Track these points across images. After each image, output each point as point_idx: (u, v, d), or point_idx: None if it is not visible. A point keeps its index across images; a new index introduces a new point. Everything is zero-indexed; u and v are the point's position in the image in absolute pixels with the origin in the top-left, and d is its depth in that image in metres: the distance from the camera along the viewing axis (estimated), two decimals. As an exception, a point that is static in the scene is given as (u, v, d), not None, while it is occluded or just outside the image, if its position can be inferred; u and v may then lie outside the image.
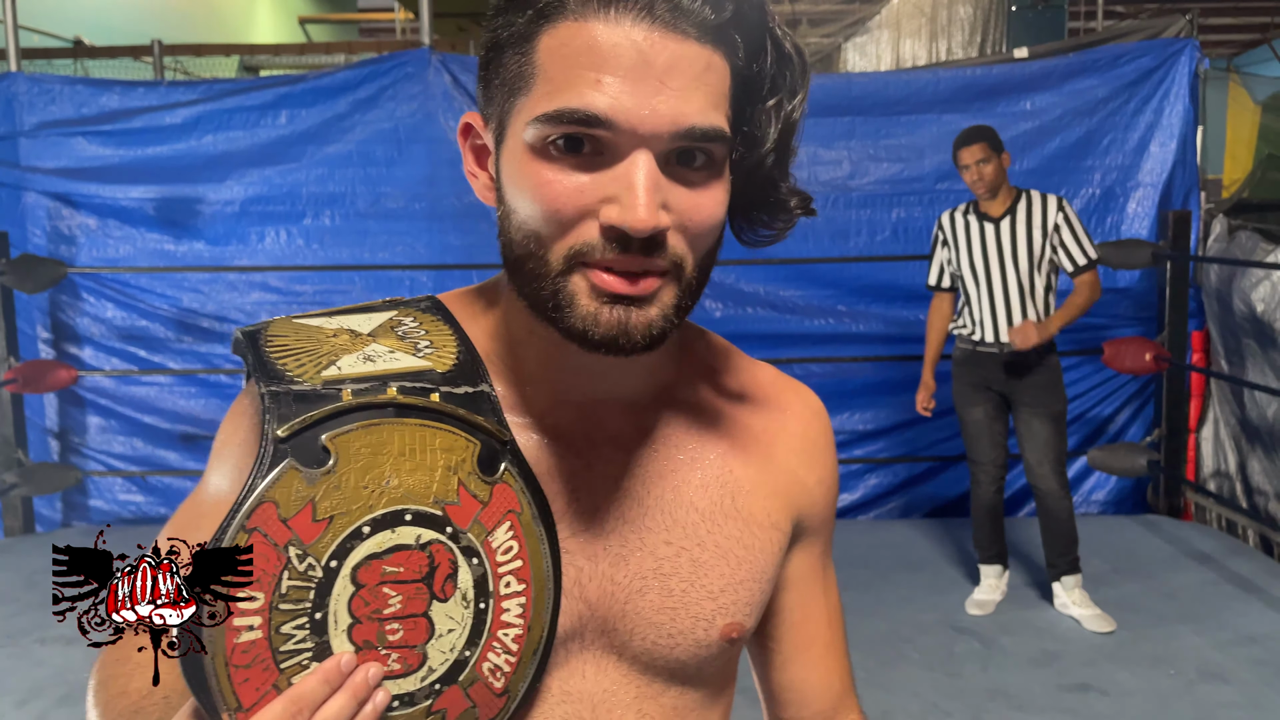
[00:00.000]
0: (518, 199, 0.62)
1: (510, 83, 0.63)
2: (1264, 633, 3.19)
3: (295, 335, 0.64)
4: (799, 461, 0.78)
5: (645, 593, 0.70)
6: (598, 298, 0.61)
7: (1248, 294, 4.17)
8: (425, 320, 0.69)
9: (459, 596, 0.60)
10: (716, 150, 0.62)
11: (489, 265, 4.32)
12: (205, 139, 4.30)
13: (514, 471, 0.63)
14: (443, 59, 4.31)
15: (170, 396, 4.41)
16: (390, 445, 0.59)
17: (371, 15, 10.74)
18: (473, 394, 0.64)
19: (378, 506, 0.58)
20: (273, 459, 0.57)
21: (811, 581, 0.82)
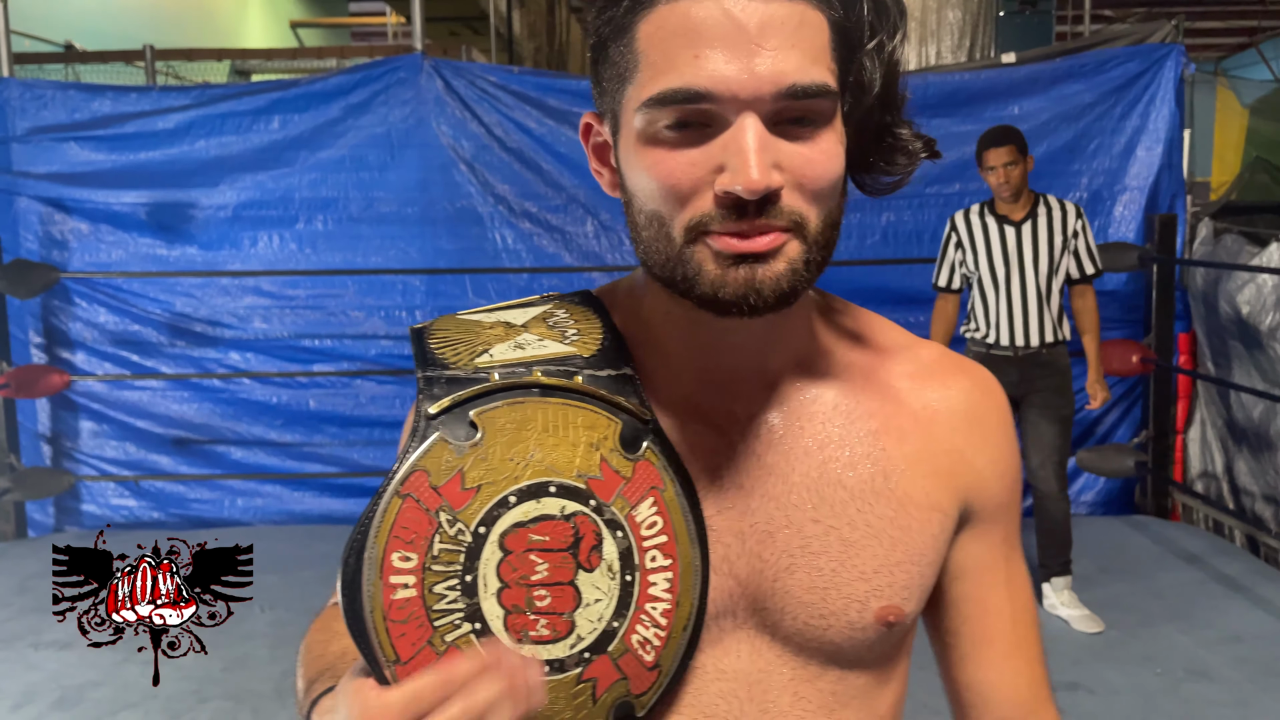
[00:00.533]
0: (636, 184, 0.64)
1: (617, 75, 0.65)
2: (1249, 632, 3.23)
3: (456, 329, 0.69)
4: (965, 441, 0.75)
5: (794, 571, 0.69)
6: (722, 261, 0.62)
7: (1233, 296, 4.21)
8: (576, 311, 0.72)
9: (604, 567, 0.62)
10: (824, 105, 0.62)
11: (482, 270, 4.34)
12: (198, 144, 4.31)
13: (656, 450, 0.65)
14: (435, 64, 4.33)
15: (163, 401, 4.42)
16: (534, 421, 0.62)
17: (363, 20, 10.75)
18: (615, 376, 0.66)
19: (523, 478, 0.61)
20: (424, 433, 0.61)
21: (989, 572, 0.77)
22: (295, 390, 4.43)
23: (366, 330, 4.41)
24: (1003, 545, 0.77)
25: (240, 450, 4.46)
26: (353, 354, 4.42)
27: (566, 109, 4.35)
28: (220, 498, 4.45)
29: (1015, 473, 0.78)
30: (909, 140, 0.69)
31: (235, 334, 4.40)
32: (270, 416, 4.44)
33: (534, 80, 4.45)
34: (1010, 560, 0.78)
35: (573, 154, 4.36)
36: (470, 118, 4.33)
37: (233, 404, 4.43)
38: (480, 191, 4.36)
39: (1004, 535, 0.77)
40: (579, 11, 9.91)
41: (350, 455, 4.47)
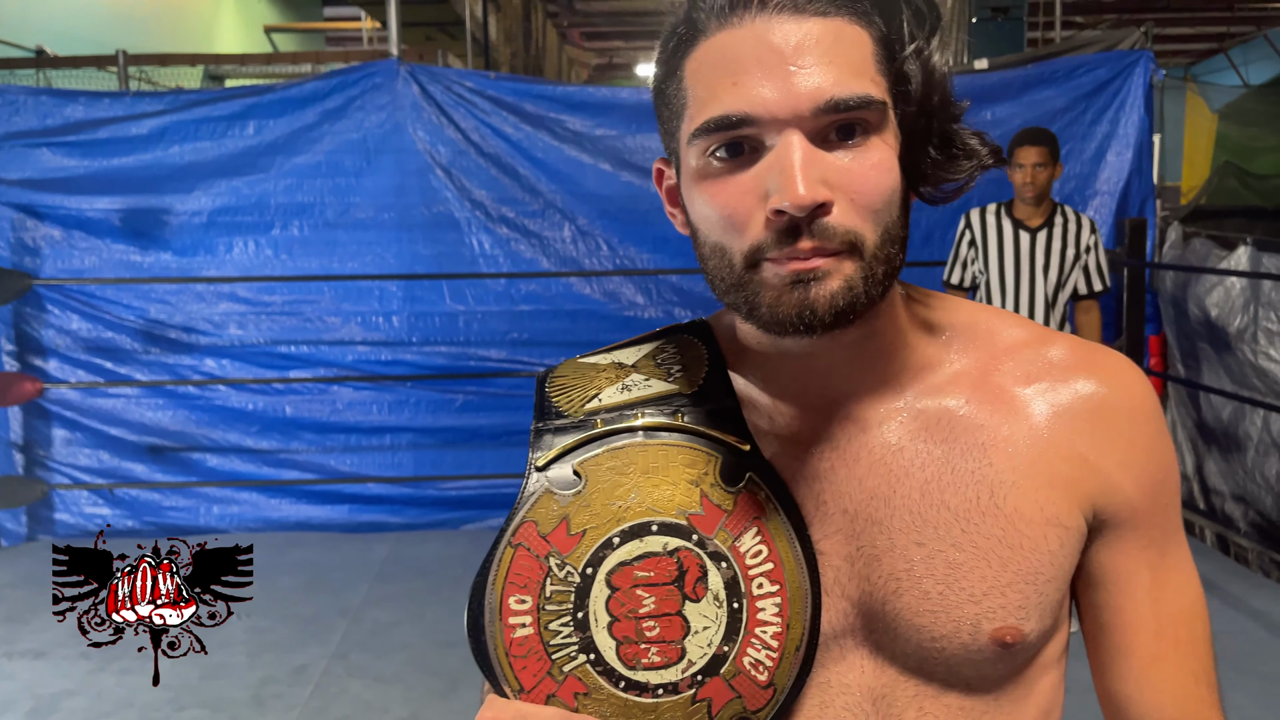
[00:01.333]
0: (698, 217, 0.66)
1: (673, 114, 0.67)
2: (1219, 629, 3.25)
3: (574, 373, 0.74)
4: (1089, 444, 0.70)
5: (901, 594, 0.69)
6: (779, 284, 0.63)
7: (1202, 299, 4.28)
8: (684, 344, 0.75)
9: (710, 597, 0.65)
10: (870, 117, 0.62)
11: (458, 275, 4.34)
12: (172, 149, 4.29)
13: (759, 479, 0.68)
14: (410, 69, 4.33)
15: (137, 408, 4.39)
16: (634, 465, 0.67)
17: (338, 25, 10.71)
18: (715, 411, 0.69)
19: (625, 519, 0.65)
20: (531, 485, 0.67)
21: (1127, 581, 0.72)
22: (271, 396, 4.41)
23: (343, 336, 4.40)
24: (1145, 552, 0.72)
25: (216, 457, 4.44)
26: (329, 360, 4.40)
27: (543, 114, 4.36)
28: (196, 505, 4.42)
29: (1158, 473, 0.72)
30: (969, 144, 0.69)
31: (211, 340, 4.38)
32: (246, 423, 4.41)
33: (510, 85, 4.45)
34: (1158, 568, 0.72)
35: (549, 159, 4.37)
36: (447, 123, 4.33)
37: (208, 411, 4.40)
38: (457, 197, 4.36)
39: (1147, 541, 0.72)
40: (555, 17, 9.92)
41: (327, 461, 4.45)
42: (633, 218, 4.39)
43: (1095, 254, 3.34)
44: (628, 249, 4.41)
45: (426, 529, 4.37)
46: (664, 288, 4.43)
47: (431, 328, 4.40)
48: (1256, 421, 4.15)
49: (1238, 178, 9.24)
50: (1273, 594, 3.55)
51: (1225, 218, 8.24)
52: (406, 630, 3.38)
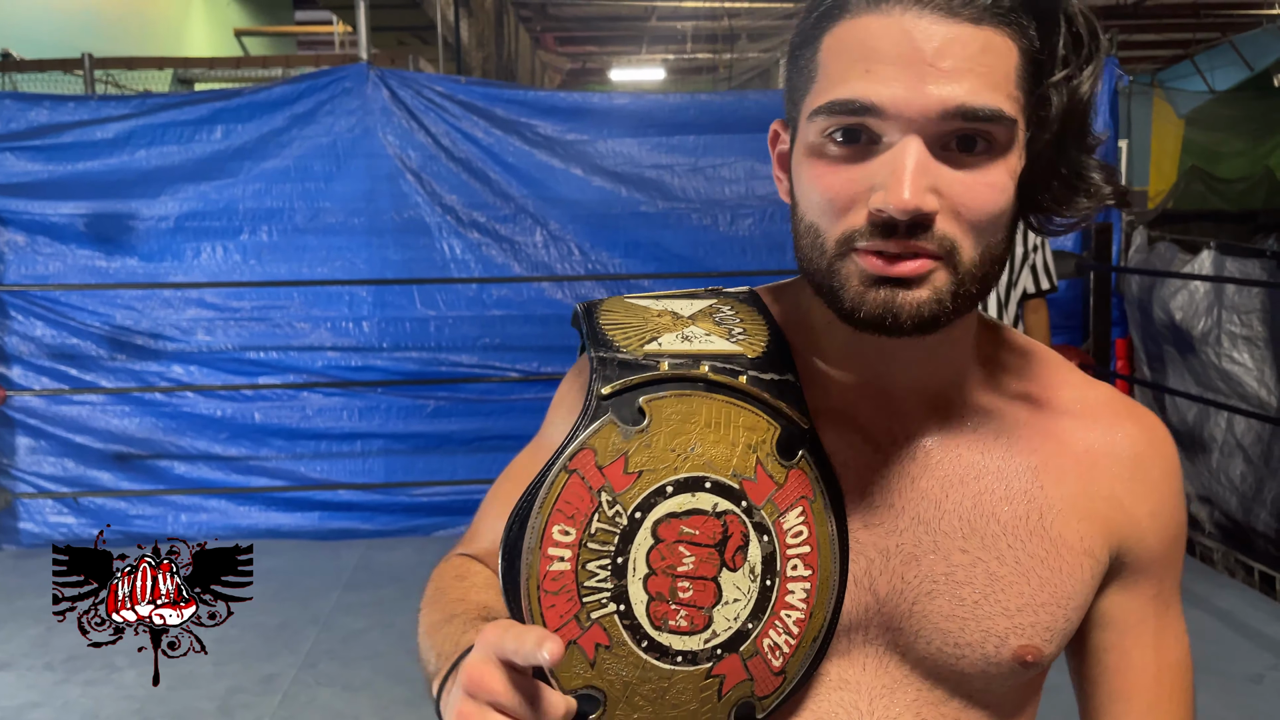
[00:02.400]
0: (801, 194, 0.66)
1: (801, 83, 0.66)
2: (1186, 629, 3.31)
3: (625, 312, 0.70)
4: (1126, 489, 0.73)
5: (935, 596, 0.69)
6: (864, 281, 0.62)
7: (1167, 302, 4.33)
8: (741, 309, 0.73)
9: (747, 569, 0.63)
10: (998, 133, 0.61)
11: (429, 280, 4.32)
12: (138, 154, 4.24)
13: (810, 460, 0.66)
14: (381, 74, 4.31)
15: (103, 416, 4.34)
16: (699, 415, 0.64)
17: (309, 28, 10.65)
18: (778, 381, 0.67)
19: (681, 469, 0.63)
20: (595, 412, 0.63)
21: (1136, 626, 0.74)
22: (240, 403, 4.37)
23: (313, 342, 4.37)
24: (1155, 600, 0.75)
25: (184, 465, 4.39)
26: (299, 366, 4.37)
27: (514, 119, 4.35)
28: (163, 513, 4.37)
29: (1177, 529, 0.75)
30: (1094, 180, 0.66)
31: (178, 347, 4.34)
32: (215, 430, 4.37)
33: (481, 90, 4.44)
34: (1162, 617, 0.75)
35: (521, 164, 4.36)
36: (417, 127, 4.32)
37: (176, 418, 4.35)
38: (428, 201, 4.34)
39: (1157, 590, 0.75)
40: (528, 21, 9.92)
41: (297, 468, 4.42)
42: (605, 222, 4.39)
43: (1042, 253, 3.39)
44: (599, 254, 4.41)
45: (397, 536, 4.34)
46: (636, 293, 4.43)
47: (402, 333, 4.38)
48: (1220, 424, 4.20)
49: (1204, 182, 9.37)
50: (1238, 594, 3.59)
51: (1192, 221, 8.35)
52: (377, 638, 3.35)
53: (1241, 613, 3.40)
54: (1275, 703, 2.83)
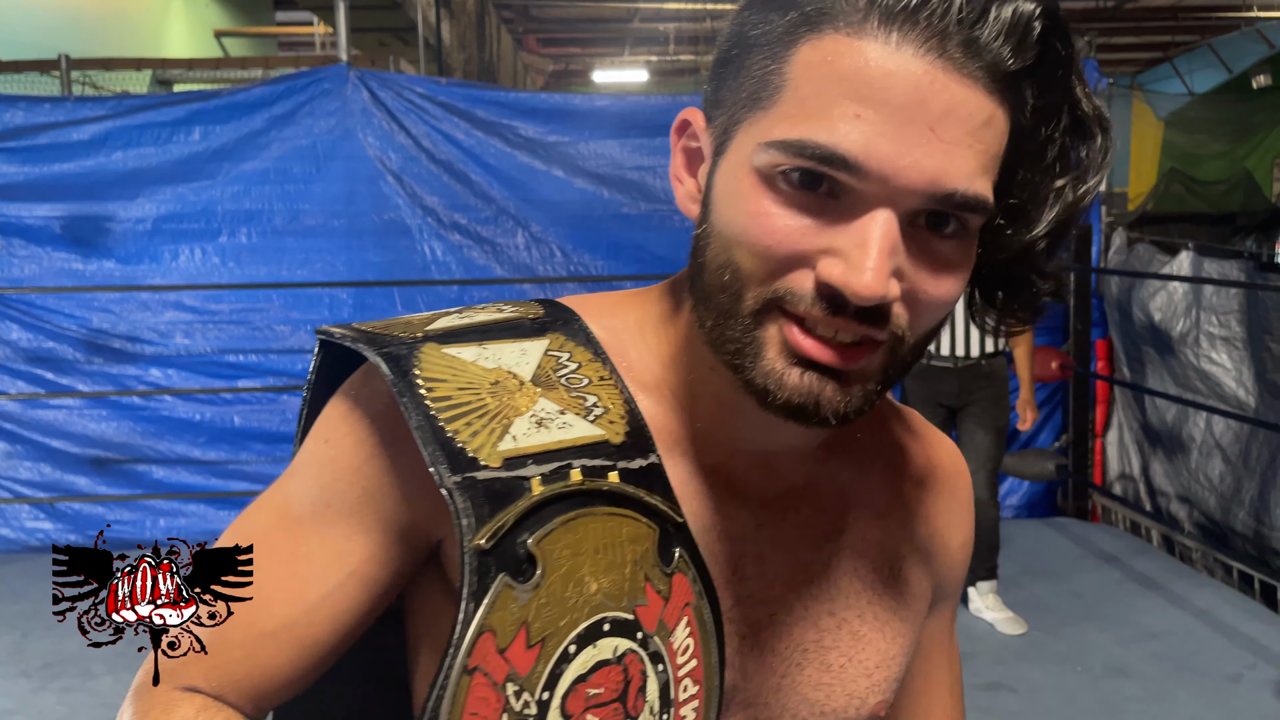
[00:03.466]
0: (726, 224, 0.54)
1: (749, 90, 0.53)
2: (1164, 629, 3.33)
3: (455, 379, 0.56)
4: (946, 523, 0.70)
5: (804, 667, 0.63)
6: (788, 356, 0.53)
7: (1146, 304, 4.35)
8: (581, 358, 0.60)
9: (647, 711, 0.55)
10: (973, 220, 0.52)
11: (409, 282, 4.30)
12: (115, 155, 4.21)
13: (686, 558, 0.57)
14: (360, 75, 4.29)
15: (80, 420, 4.29)
16: (587, 542, 0.53)
17: (290, 29, 10.60)
18: (645, 468, 0.56)
19: (581, 619, 0.53)
20: (479, 573, 0.50)
21: (938, 650, 0.74)
22: (219, 407, 4.34)
23: (293, 345, 4.34)
24: (949, 620, 0.75)
25: (162, 469, 4.35)
26: (279, 369, 4.34)
27: (495, 120, 4.34)
28: (141, 518, 4.33)
29: (970, 549, 0.73)
30: (1040, 289, 0.58)
31: (156, 350, 4.30)
32: (194, 434, 4.34)
33: (462, 92, 4.43)
34: (951, 635, 0.75)
35: (502, 166, 4.35)
36: (397, 129, 4.30)
37: (154, 422, 4.32)
38: (408, 203, 4.33)
39: (951, 610, 0.75)
40: (510, 23, 9.90)
41: (277, 472, 4.29)
42: (586, 224, 4.38)
43: None
44: (581, 256, 4.41)
45: (379, 539, 4.32)
46: (618, 294, 4.42)
47: (383, 336, 4.36)
48: (1199, 423, 4.23)
49: (1183, 184, 9.45)
50: (1217, 593, 3.61)
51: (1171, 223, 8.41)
52: (357, 642, 3.33)
53: (1220, 612, 3.42)
54: (1254, 701, 2.85)
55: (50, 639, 3.31)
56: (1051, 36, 0.51)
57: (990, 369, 3.40)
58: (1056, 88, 0.53)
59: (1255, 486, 3.95)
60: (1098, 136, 0.54)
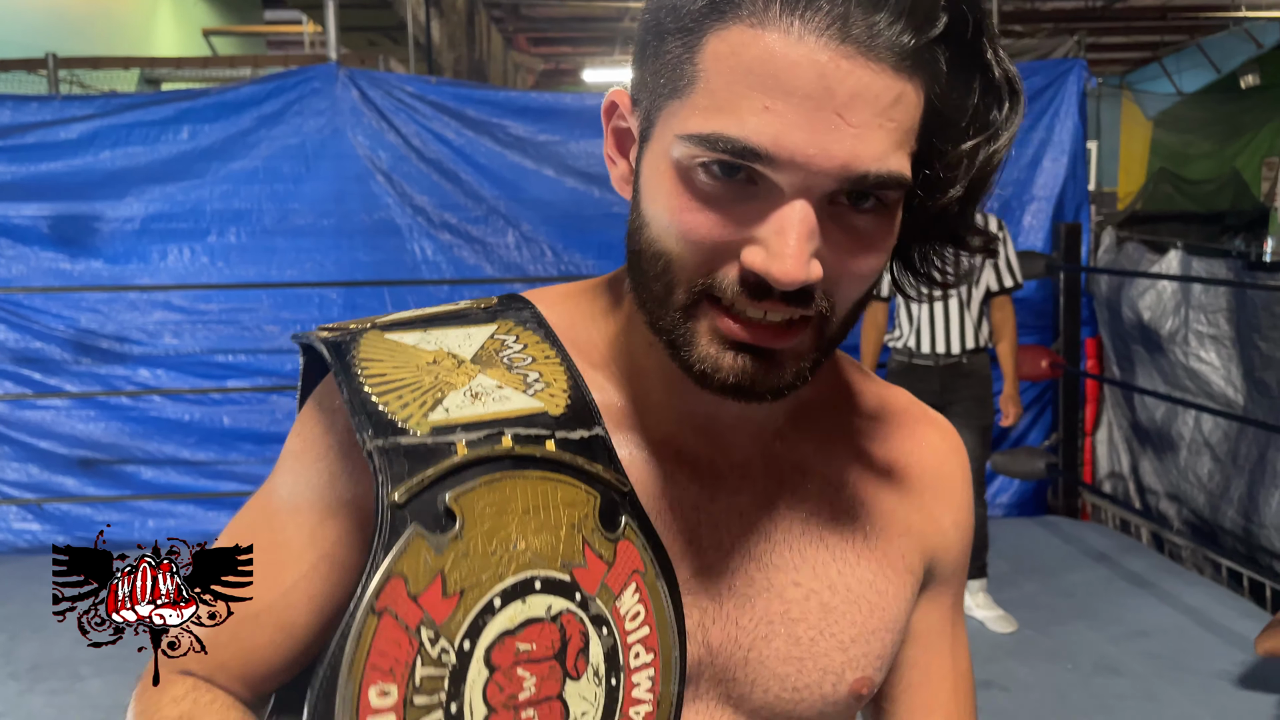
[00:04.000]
0: (653, 215, 0.56)
1: (666, 78, 0.55)
2: (1155, 626, 3.34)
3: (391, 359, 0.58)
4: (933, 498, 0.70)
5: (771, 639, 0.63)
6: (720, 342, 0.55)
7: (1135, 302, 4.37)
8: (528, 339, 0.62)
9: (590, 673, 0.55)
10: (890, 195, 0.53)
11: (399, 282, 4.29)
12: (103, 155, 4.18)
13: (634, 525, 0.57)
14: (350, 74, 4.27)
15: (68, 420, 4.27)
16: (514, 502, 0.54)
17: (279, 28, 10.56)
18: (588, 439, 0.58)
19: (507, 574, 0.53)
20: (393, 526, 0.51)
21: (938, 638, 0.73)
22: (208, 407, 4.32)
23: (282, 345, 4.32)
24: (951, 610, 0.74)
25: (151, 470, 4.33)
26: (268, 369, 4.32)
27: (485, 119, 4.33)
28: (130, 519, 4.31)
29: (971, 535, 0.73)
30: (970, 244, 0.60)
31: (144, 350, 4.28)
32: (182, 434, 4.32)
33: (452, 91, 4.42)
34: (956, 625, 0.74)
35: (493, 165, 4.34)
36: (387, 128, 4.29)
37: (142, 422, 4.30)
38: (398, 203, 4.31)
39: (954, 599, 0.74)
40: (500, 22, 9.88)
41: (267, 472, 4.31)
42: (577, 224, 4.37)
43: (1005, 250, 3.41)
44: (572, 255, 4.40)
45: (369, 540, 4.31)
46: (608, 294, 4.41)
47: (373, 335, 4.35)
48: (1188, 422, 4.25)
49: (1172, 183, 9.49)
50: (1206, 591, 3.63)
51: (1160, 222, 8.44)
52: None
53: (1209, 609, 3.44)
54: (1243, 699, 2.86)
55: (38, 641, 3.29)
56: (959, 4, 0.52)
57: (973, 367, 3.40)
58: (967, 55, 0.53)
59: (1244, 484, 3.97)
60: (1007, 100, 0.55)
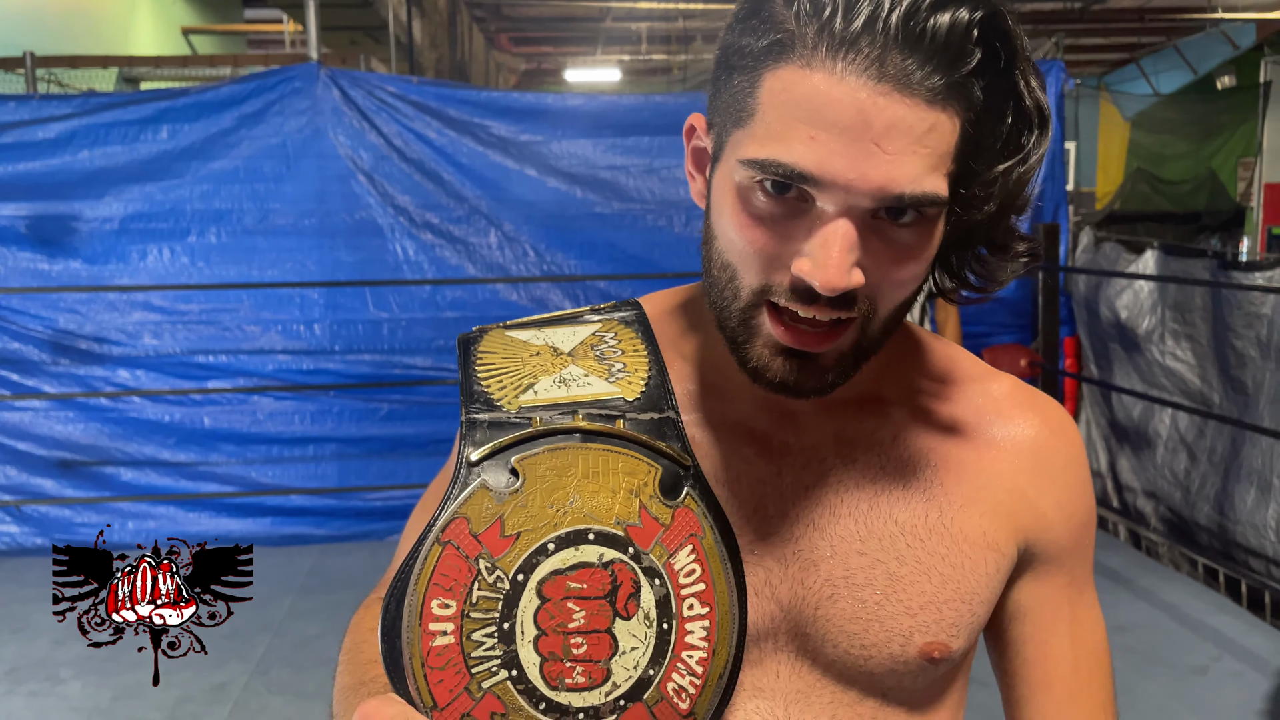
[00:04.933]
0: (720, 229, 0.64)
1: (734, 107, 0.62)
2: (1132, 621, 3.37)
3: (504, 351, 0.69)
4: (1029, 481, 0.74)
5: (836, 600, 0.69)
6: (770, 347, 0.63)
7: (1113, 301, 4.41)
8: (625, 336, 0.71)
9: (641, 615, 0.61)
10: (928, 211, 0.60)
11: (381, 282, 4.28)
12: (81, 154, 4.16)
13: (696, 496, 0.64)
14: (331, 74, 4.26)
15: (46, 422, 4.24)
16: (575, 468, 0.62)
17: (259, 27, 10.51)
18: (658, 420, 0.65)
19: (562, 525, 0.61)
20: (465, 479, 0.61)
21: (1051, 616, 0.75)
22: (189, 408, 4.30)
23: (263, 345, 4.30)
24: (1067, 589, 0.76)
25: (131, 471, 4.31)
26: (249, 369, 4.30)
27: (467, 119, 4.32)
28: (110, 521, 4.28)
29: (1085, 516, 0.76)
30: (1014, 249, 0.66)
31: (124, 351, 4.25)
32: (163, 435, 4.29)
33: (434, 90, 4.41)
34: (1076, 605, 0.76)
35: (475, 165, 4.34)
36: (369, 128, 4.28)
37: (122, 423, 4.27)
38: (380, 203, 4.30)
39: (1069, 579, 0.76)
40: (482, 21, 9.87)
41: (249, 474, 4.35)
42: (559, 223, 4.38)
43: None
44: (554, 255, 4.40)
45: (351, 540, 4.30)
46: (591, 294, 4.42)
47: (354, 336, 4.34)
48: (1165, 420, 4.29)
49: (1149, 183, 9.57)
50: (1183, 587, 3.67)
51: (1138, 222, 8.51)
52: (330, 644, 3.31)
53: (1186, 605, 3.47)
54: (1220, 693, 2.90)
55: (17, 643, 3.27)
56: (991, 38, 0.58)
57: None
58: (1000, 86, 0.60)
59: (1219, 481, 4.02)
60: (1037, 127, 0.62)
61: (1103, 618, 0.78)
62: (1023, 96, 0.61)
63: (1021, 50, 0.60)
